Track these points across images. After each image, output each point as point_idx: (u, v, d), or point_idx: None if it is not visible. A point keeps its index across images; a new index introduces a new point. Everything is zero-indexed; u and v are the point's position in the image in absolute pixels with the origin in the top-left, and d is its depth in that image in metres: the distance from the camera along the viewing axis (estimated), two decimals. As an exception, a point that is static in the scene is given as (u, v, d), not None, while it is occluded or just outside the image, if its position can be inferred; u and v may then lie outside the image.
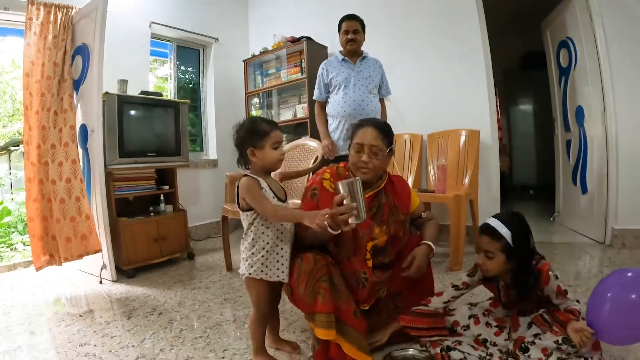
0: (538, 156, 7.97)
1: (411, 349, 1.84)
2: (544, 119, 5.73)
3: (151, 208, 3.69)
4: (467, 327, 1.88)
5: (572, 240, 3.97)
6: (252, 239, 1.75)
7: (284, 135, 4.83)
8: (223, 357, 1.90)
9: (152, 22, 4.39)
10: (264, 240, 1.74)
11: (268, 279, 1.75)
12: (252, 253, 1.74)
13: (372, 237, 1.88)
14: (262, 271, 1.74)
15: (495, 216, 1.77)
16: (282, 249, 1.76)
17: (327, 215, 1.54)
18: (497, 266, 1.73)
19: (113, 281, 3.20)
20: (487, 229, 1.74)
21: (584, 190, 4.16)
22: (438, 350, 1.81)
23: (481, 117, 3.94)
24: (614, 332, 1.52)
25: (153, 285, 3.10)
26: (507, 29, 7.41)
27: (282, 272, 1.76)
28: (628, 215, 3.63)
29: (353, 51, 3.37)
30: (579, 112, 4.21)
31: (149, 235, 3.51)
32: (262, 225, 1.74)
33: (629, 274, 1.59)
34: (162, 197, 3.73)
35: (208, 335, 2.15)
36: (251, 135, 1.76)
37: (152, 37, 4.48)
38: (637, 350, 1.81)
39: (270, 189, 1.77)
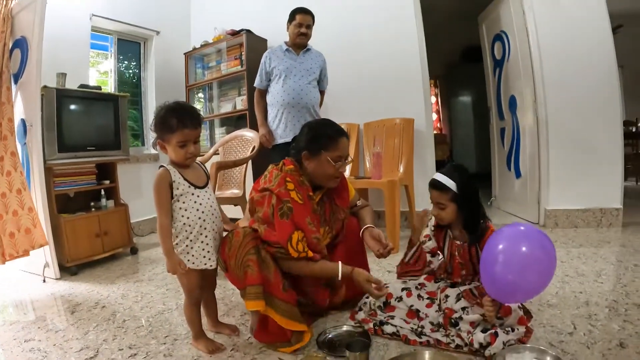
0: (477, 145, 8.28)
1: (345, 325, 1.94)
2: (482, 110, 6.01)
3: (92, 203, 3.65)
4: (400, 298, 1.99)
5: (509, 222, 4.19)
6: (174, 229, 1.74)
7: (224, 128, 4.87)
8: (164, 343, 1.95)
9: (93, 15, 4.31)
10: (186, 230, 1.73)
11: (195, 268, 1.76)
12: (176, 244, 1.73)
13: None
14: (188, 260, 1.74)
15: (440, 171, 1.90)
16: (206, 236, 1.77)
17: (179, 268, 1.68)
18: (449, 215, 1.88)
19: (56, 279, 3.16)
20: (435, 184, 1.88)
21: (518, 174, 4.42)
22: (371, 325, 1.92)
23: (416, 107, 4.12)
24: (504, 289, 1.60)
25: (96, 280, 3.08)
26: (449, 24, 7.62)
27: (209, 259, 1.78)
28: (559, 196, 3.90)
29: (301, 44, 3.45)
30: (512, 102, 4.45)
31: (91, 231, 3.47)
32: (183, 216, 1.73)
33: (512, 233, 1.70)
34: (103, 192, 3.69)
35: (150, 323, 2.20)
36: (160, 127, 1.71)
37: (92, 30, 4.40)
38: (564, 316, 2.00)
39: (185, 179, 1.74)
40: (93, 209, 3.62)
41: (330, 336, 1.86)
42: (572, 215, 3.87)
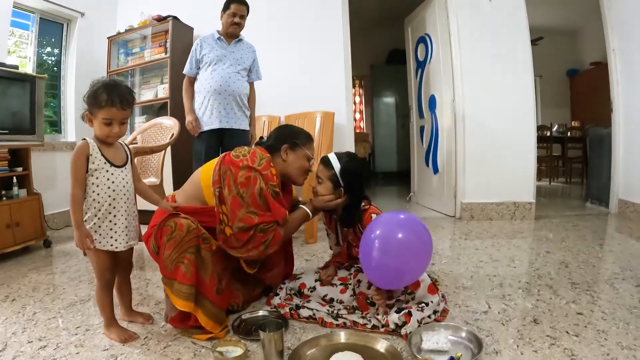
0: (398, 145, 8.60)
1: (261, 311, 1.97)
2: (404, 111, 6.24)
3: (3, 192, 3.40)
4: (314, 288, 2.06)
5: (427, 216, 4.40)
6: (85, 205, 1.71)
7: (144, 117, 4.76)
8: (76, 334, 1.88)
9: (15, -12, 3.99)
10: (95, 207, 1.71)
11: (102, 248, 1.72)
12: (85, 220, 1.70)
13: None
14: (95, 239, 1.71)
15: (335, 153, 2.03)
16: (115, 216, 1.74)
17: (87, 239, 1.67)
18: (323, 191, 2.00)
19: (-36, 274, 2.94)
20: (323, 159, 2.03)
21: (436, 170, 4.63)
22: (287, 309, 1.96)
23: (338, 102, 4.22)
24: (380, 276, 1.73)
25: (7, 274, 2.90)
26: (375, 27, 7.86)
27: (116, 240, 1.75)
28: (474, 190, 4.15)
29: (233, 34, 3.42)
30: (432, 101, 4.65)
31: (1, 221, 3.24)
32: (94, 191, 1.70)
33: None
34: (15, 180, 3.45)
35: (62, 315, 2.12)
36: (91, 99, 1.69)
37: (14, 7, 4.08)
38: (479, 297, 2.13)
39: (103, 155, 1.73)
40: (4, 198, 3.38)
41: (245, 320, 1.89)
42: (487, 208, 4.11)
